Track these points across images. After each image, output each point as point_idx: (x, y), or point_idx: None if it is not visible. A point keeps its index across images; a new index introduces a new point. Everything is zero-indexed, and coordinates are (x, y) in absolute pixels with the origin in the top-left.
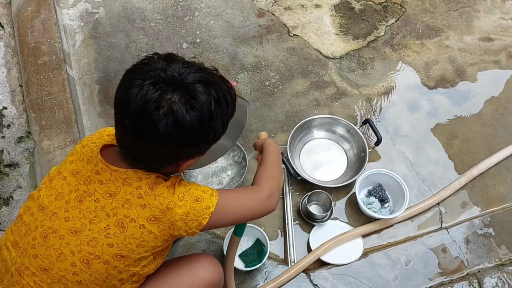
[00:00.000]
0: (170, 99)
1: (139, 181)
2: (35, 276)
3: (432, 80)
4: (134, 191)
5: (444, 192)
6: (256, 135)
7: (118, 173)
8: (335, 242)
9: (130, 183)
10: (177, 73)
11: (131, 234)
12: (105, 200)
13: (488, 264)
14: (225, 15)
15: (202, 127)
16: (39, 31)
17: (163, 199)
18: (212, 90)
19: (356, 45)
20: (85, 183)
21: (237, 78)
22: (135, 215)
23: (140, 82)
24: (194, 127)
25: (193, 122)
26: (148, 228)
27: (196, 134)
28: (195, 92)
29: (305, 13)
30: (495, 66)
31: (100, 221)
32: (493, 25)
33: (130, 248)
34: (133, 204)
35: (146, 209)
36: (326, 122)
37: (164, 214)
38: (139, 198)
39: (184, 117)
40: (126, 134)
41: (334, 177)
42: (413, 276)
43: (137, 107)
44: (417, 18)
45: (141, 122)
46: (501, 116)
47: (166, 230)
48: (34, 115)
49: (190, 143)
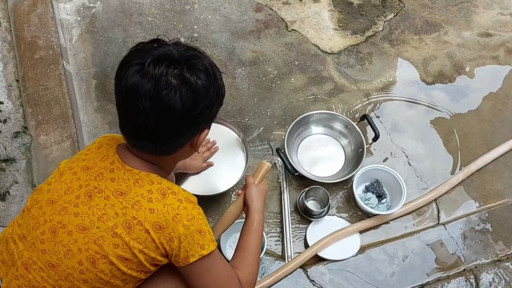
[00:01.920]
0: (176, 71)
1: (151, 185)
2: (42, 271)
3: (430, 76)
4: (145, 193)
5: (442, 188)
6: (254, 130)
7: (131, 173)
8: (332, 238)
9: (142, 185)
10: (169, 50)
11: (136, 237)
12: (115, 199)
13: (485, 260)
14: (223, 10)
15: (212, 87)
16: (36, 25)
17: (171, 209)
18: (205, 57)
19: (355, 40)
20: (96, 179)
21: (234, 73)
22: (143, 217)
23: (140, 65)
24: (206, 88)
25: (204, 84)
26: (151, 235)
27: (210, 95)
28: (194, 61)
29: (303, 7)
30: (494, 61)
31: (109, 219)
32: (491, 20)
33: (133, 252)
34: (142, 207)
35: (154, 214)
36: (324, 117)
37: (168, 225)
38: (150, 202)
39: (196, 82)
40: (142, 119)
41: (331, 172)
42: (410, 272)
43: (148, 87)
44: (415, 14)
45: (158, 100)
46: (499, 112)
47: (164, 243)
48: (31, 110)
49: (206, 105)
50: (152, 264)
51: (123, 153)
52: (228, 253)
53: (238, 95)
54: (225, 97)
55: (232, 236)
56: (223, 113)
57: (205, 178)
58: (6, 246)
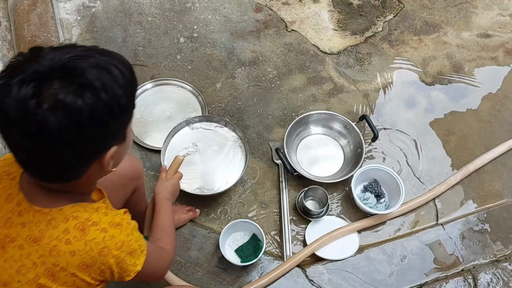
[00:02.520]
0: (50, 89)
1: (66, 223)
2: None
3: (429, 76)
4: (61, 235)
5: (440, 188)
6: (253, 130)
7: (41, 214)
8: (330, 237)
9: (55, 226)
10: (49, 59)
11: (63, 282)
12: (30, 247)
13: (483, 260)
14: (223, 10)
15: (101, 104)
16: (36, 24)
17: (95, 245)
18: (93, 61)
19: (354, 40)
20: (5, 225)
21: (234, 73)
22: (65, 263)
23: (5, 84)
24: (91, 108)
25: (88, 103)
26: (80, 277)
27: (98, 114)
28: (77, 70)
29: (303, 8)
30: (493, 62)
31: (28, 271)
32: (491, 21)
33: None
34: (61, 251)
35: (76, 256)
36: (323, 117)
37: (95, 261)
38: (68, 243)
39: (75, 102)
40: (20, 150)
41: (330, 172)
42: (408, 272)
43: (14, 113)
44: (415, 14)
45: (28, 128)
46: (498, 113)
47: (98, 277)
48: None
49: (95, 127)
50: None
51: (29, 189)
52: (227, 252)
53: (237, 95)
54: (224, 96)
55: (230, 236)
56: (222, 112)
57: (204, 178)
58: None
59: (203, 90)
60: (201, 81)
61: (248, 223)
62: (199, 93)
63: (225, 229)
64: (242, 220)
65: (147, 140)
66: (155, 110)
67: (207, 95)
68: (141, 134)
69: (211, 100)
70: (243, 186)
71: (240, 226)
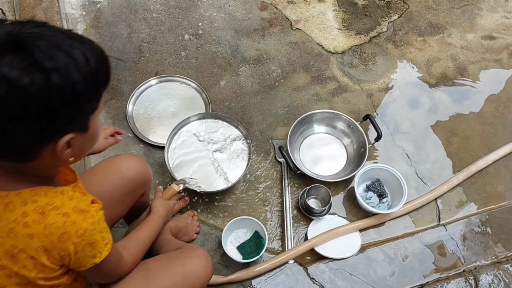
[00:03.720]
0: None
1: (24, 206)
2: None
3: (433, 77)
4: (18, 218)
5: (441, 188)
6: (256, 128)
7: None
8: (330, 234)
9: (13, 209)
10: (6, 31)
11: (24, 265)
12: None
13: (484, 261)
14: (228, 8)
15: (51, 86)
16: (41, 19)
17: (55, 229)
18: (54, 40)
19: (359, 40)
20: None
21: (238, 71)
22: (23, 245)
23: None
24: (39, 88)
25: (36, 82)
26: (39, 260)
27: (45, 96)
28: (32, 47)
29: (308, 7)
30: (497, 64)
31: None
32: (495, 23)
33: (30, 281)
34: (19, 234)
35: (35, 239)
36: (326, 116)
37: (55, 246)
38: (26, 226)
39: (22, 79)
40: None
41: (333, 171)
42: (410, 272)
43: None
44: (420, 15)
45: None
46: (501, 115)
47: (57, 262)
48: None
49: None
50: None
51: None
52: (229, 249)
53: (241, 92)
54: (228, 94)
55: (233, 232)
56: (226, 110)
57: (206, 176)
58: None
59: (207, 87)
60: (205, 78)
61: (251, 220)
62: (203, 90)
63: (228, 226)
64: (245, 217)
65: (151, 136)
66: (159, 106)
67: (211, 92)
68: (144, 130)
69: (215, 98)
70: (245, 183)
71: (242, 223)
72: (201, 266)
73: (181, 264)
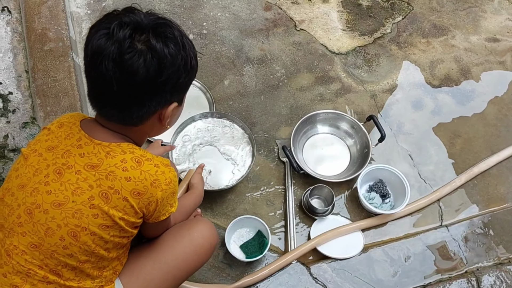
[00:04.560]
0: (142, 36)
1: (123, 155)
2: (25, 254)
3: (436, 79)
4: (118, 163)
5: (444, 189)
6: (260, 128)
7: (101, 146)
8: (333, 233)
9: (114, 156)
10: (139, 17)
11: (114, 205)
12: (87, 172)
13: (486, 262)
14: (232, 7)
15: (179, 56)
16: (46, 17)
17: (149, 175)
18: (175, 27)
19: (362, 41)
20: (63, 156)
21: (242, 71)
22: (119, 186)
23: (106, 29)
24: (173, 56)
25: (171, 52)
26: (130, 202)
27: (177, 64)
28: (163, 29)
29: (312, 7)
30: (500, 67)
31: (83, 192)
32: (499, 26)
33: (114, 220)
34: (117, 176)
35: (131, 182)
36: (330, 117)
37: (146, 190)
38: (125, 170)
39: (162, 49)
40: (106, 84)
41: (336, 172)
42: (412, 272)
43: (112, 49)
44: (424, 17)
45: (121, 63)
46: (504, 117)
47: (143, 208)
48: (40, 101)
49: (172, 74)
50: (133, 228)
51: (90, 128)
52: (232, 247)
53: (245, 92)
54: (232, 94)
55: (236, 231)
56: (230, 109)
57: (211, 174)
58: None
59: (211, 86)
60: (210, 78)
61: (254, 220)
62: (207, 90)
63: (231, 225)
64: (248, 216)
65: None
66: None
67: (215, 92)
68: None
69: (219, 97)
70: (249, 182)
71: (245, 222)
72: (206, 229)
73: (187, 230)
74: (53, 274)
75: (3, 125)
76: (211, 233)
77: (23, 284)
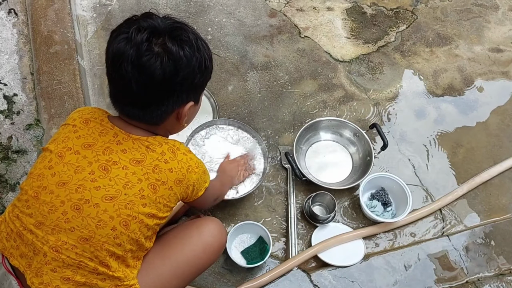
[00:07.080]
0: (159, 39)
1: (161, 147)
2: (75, 248)
3: (440, 88)
4: (160, 156)
5: (446, 199)
6: (263, 134)
7: (140, 141)
8: (334, 241)
9: (154, 149)
10: (156, 21)
11: (161, 195)
12: (134, 167)
13: (487, 273)
14: (238, 14)
15: (194, 58)
16: (52, 20)
17: (184, 164)
18: (190, 30)
19: (366, 49)
20: (104, 153)
21: (246, 77)
22: (165, 178)
23: (126, 34)
24: (188, 58)
25: (187, 54)
26: (174, 190)
27: (192, 65)
28: (179, 32)
29: (317, 15)
30: (503, 77)
31: (134, 185)
32: (503, 36)
33: (159, 207)
34: (162, 169)
35: (173, 172)
36: (333, 124)
37: (184, 177)
38: (166, 162)
39: (178, 52)
40: (125, 84)
41: (338, 179)
42: (412, 282)
43: (130, 52)
44: (428, 26)
45: (139, 65)
46: (507, 127)
47: (183, 192)
48: (44, 103)
49: (188, 75)
50: (168, 211)
51: (122, 125)
52: (233, 253)
53: (249, 98)
54: (236, 99)
55: (237, 237)
56: (233, 115)
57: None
58: (21, 239)
59: (215, 92)
60: (213, 83)
61: (255, 226)
62: (211, 95)
63: (232, 231)
64: (249, 222)
65: None
66: None
67: (219, 97)
68: None
69: (223, 102)
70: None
71: (247, 228)
72: (215, 227)
73: (196, 228)
74: (103, 266)
75: (7, 126)
76: (220, 231)
77: (74, 275)
